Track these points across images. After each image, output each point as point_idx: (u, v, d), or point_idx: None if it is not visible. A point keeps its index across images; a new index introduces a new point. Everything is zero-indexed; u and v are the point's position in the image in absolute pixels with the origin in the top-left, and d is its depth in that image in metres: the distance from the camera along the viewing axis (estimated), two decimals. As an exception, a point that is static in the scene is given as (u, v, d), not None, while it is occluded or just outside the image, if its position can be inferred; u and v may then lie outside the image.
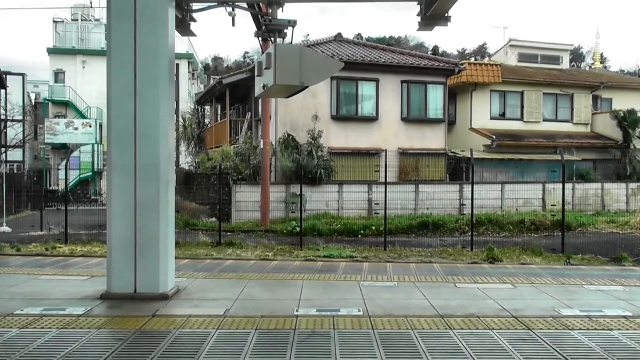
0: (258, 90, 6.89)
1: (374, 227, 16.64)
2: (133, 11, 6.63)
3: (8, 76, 30.68)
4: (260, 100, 19.05)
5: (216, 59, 72.66)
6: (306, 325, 5.68)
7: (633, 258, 11.99)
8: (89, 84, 35.98)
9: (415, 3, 7.63)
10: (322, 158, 19.66)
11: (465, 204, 19.51)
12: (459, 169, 22.38)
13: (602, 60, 53.21)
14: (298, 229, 14.91)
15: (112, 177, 6.80)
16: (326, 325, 5.68)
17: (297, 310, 6.28)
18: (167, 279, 6.92)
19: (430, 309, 6.42)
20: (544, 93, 26.71)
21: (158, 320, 5.81)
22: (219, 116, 27.98)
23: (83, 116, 35.34)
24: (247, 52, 70.18)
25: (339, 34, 25.17)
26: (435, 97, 22.58)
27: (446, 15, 7.47)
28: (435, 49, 58.08)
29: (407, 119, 22.20)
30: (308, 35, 64.89)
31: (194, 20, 8.12)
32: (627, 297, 7.24)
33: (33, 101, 40.08)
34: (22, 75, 35.06)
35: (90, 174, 34.17)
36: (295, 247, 13.50)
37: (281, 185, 19.22)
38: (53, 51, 37.82)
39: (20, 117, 33.30)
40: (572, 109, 27.38)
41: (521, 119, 26.33)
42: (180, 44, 29.79)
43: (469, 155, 16.08)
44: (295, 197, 17.62)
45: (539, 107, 26.59)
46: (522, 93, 26.38)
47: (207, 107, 31.74)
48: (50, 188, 30.49)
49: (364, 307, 6.44)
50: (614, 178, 24.35)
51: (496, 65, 26.31)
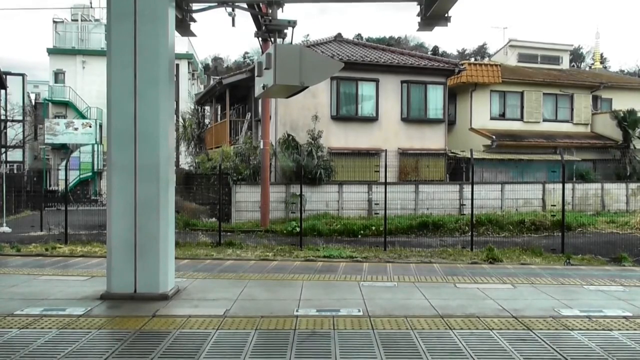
0: (258, 90, 6.89)
1: (374, 227, 16.64)
2: (133, 11, 6.63)
3: (8, 76, 30.68)
4: (260, 101, 19.04)
5: (216, 59, 72.68)
6: (306, 325, 5.68)
7: (633, 258, 11.97)
8: (89, 84, 36.02)
9: (415, 3, 7.64)
10: (322, 158, 19.66)
11: (465, 204, 19.53)
12: (459, 169, 22.37)
13: (602, 60, 53.21)
14: (298, 229, 14.91)
15: (112, 177, 6.80)
16: (326, 325, 5.68)
17: (297, 311, 6.28)
18: (167, 279, 6.92)
19: (430, 309, 6.42)
20: (544, 93, 26.72)
21: (158, 321, 5.81)
22: (219, 116, 27.96)
23: (83, 116, 35.32)
24: (247, 53, 70.27)
25: (339, 34, 25.17)
26: (435, 98, 22.58)
27: (446, 15, 7.48)
28: (435, 49, 58.18)
29: (407, 119, 22.20)
30: (308, 35, 65.04)
31: (194, 21, 8.13)
32: (627, 298, 7.24)
33: (33, 101, 40.10)
34: (22, 75, 35.10)
35: (90, 174, 34.13)
36: (295, 247, 13.50)
37: (281, 186, 19.23)
38: (53, 51, 37.83)
39: (20, 118, 33.32)
40: (572, 109, 27.40)
41: (521, 119, 26.34)
42: (180, 44, 29.84)
43: (469, 156, 16.08)
44: (295, 197, 17.62)
45: (539, 107, 26.59)
46: (522, 93, 26.38)
47: (207, 108, 31.72)
48: (50, 188, 30.49)
49: (364, 308, 6.44)
50: (614, 178, 24.35)
51: (496, 65, 26.30)
